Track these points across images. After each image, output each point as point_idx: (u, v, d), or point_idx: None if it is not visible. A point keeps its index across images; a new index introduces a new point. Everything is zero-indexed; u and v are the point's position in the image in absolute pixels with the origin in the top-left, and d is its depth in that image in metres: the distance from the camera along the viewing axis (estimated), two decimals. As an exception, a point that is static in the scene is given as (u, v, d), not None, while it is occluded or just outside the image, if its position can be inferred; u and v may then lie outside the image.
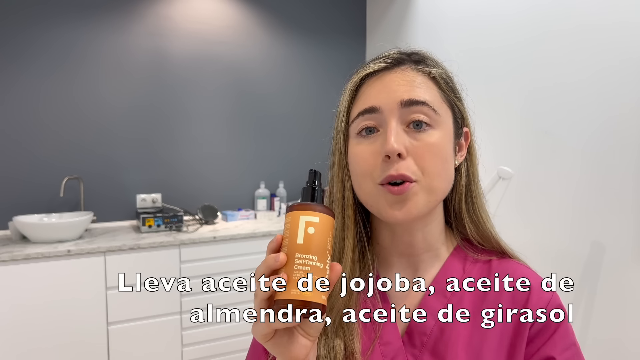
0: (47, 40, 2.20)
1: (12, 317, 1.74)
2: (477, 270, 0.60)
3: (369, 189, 0.55)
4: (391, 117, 0.53)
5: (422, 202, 0.53)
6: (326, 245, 0.45)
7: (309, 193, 0.48)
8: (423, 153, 0.52)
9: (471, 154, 0.61)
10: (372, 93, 0.56)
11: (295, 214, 0.46)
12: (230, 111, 2.64)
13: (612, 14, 1.49)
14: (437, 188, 0.54)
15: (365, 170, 0.54)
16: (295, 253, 0.44)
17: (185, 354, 2.06)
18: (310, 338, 0.48)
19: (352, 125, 0.57)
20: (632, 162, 1.44)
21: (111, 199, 2.36)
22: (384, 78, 0.56)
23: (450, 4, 2.22)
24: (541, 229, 1.75)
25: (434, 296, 0.58)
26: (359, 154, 0.55)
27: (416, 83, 0.55)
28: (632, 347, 1.45)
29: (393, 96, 0.54)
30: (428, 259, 0.60)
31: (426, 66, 0.57)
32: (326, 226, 0.46)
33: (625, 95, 1.46)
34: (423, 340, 0.56)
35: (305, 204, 0.46)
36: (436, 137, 0.53)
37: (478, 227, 0.60)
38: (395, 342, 0.57)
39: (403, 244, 0.60)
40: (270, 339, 0.46)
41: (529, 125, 1.80)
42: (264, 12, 2.69)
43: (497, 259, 0.61)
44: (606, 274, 1.52)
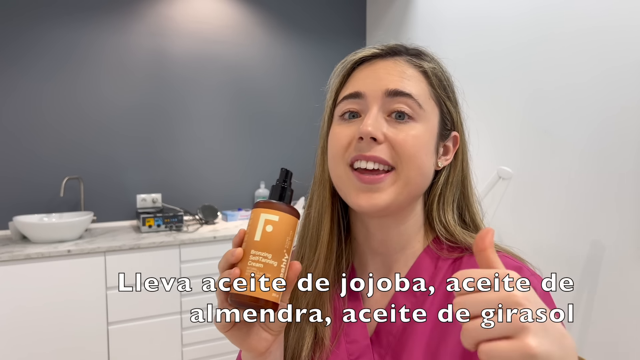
0: (49, 41, 2.20)
1: (12, 317, 1.74)
2: (448, 267, 0.57)
3: (339, 171, 0.54)
4: (373, 103, 0.52)
5: (393, 195, 0.51)
6: (284, 244, 0.46)
7: (277, 192, 0.48)
8: (402, 142, 0.51)
9: (456, 160, 0.58)
10: (360, 78, 0.55)
11: (257, 211, 0.47)
12: (231, 111, 2.64)
13: (612, 16, 1.49)
14: (412, 180, 0.52)
15: (339, 150, 0.53)
16: (251, 249, 0.45)
17: (185, 354, 2.06)
18: (272, 332, 0.48)
19: (337, 108, 0.56)
20: (632, 162, 1.44)
21: (111, 199, 2.36)
22: (375, 65, 0.55)
23: (449, 5, 2.22)
24: (541, 228, 1.75)
25: (403, 295, 0.56)
26: (335, 135, 0.55)
27: (405, 75, 0.53)
28: (633, 346, 1.45)
29: (379, 84, 0.53)
30: (401, 259, 0.58)
31: (420, 60, 0.56)
32: (286, 225, 0.46)
33: (625, 95, 1.46)
34: (389, 340, 0.55)
35: (269, 202, 0.47)
36: (417, 130, 0.52)
37: (447, 229, 0.58)
38: (362, 341, 0.56)
39: (376, 241, 0.58)
40: (229, 329, 0.48)
41: (529, 125, 1.80)
42: (264, 12, 2.69)
43: (470, 254, 0.57)
44: (606, 273, 1.52)
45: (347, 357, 0.55)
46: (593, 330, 1.55)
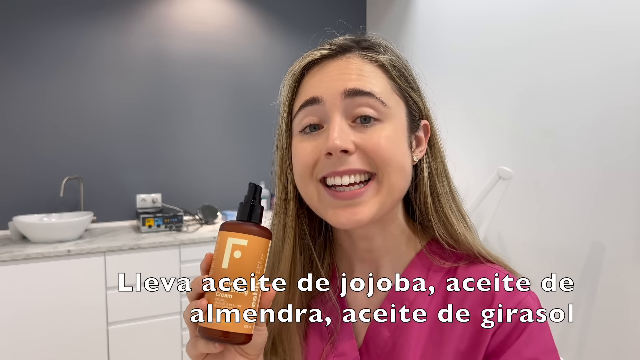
0: (50, 41, 2.20)
1: (12, 317, 1.73)
2: (441, 278, 0.53)
3: (310, 191, 0.49)
4: (334, 109, 0.47)
5: (375, 206, 0.47)
6: (254, 270, 0.42)
7: (246, 211, 0.43)
8: (375, 147, 0.47)
9: (433, 149, 0.54)
10: (313, 83, 0.50)
11: (223, 235, 0.42)
12: (231, 111, 2.64)
13: (611, 15, 1.49)
14: (396, 185, 0.48)
15: (305, 168, 0.49)
16: (220, 278, 0.41)
17: (185, 354, 2.06)
18: (249, 356, 0.45)
19: (295, 120, 0.51)
20: (632, 162, 1.44)
21: (111, 199, 2.36)
22: (327, 67, 0.50)
23: (449, 4, 2.22)
24: (541, 228, 1.75)
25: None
26: (299, 152, 0.49)
27: (362, 72, 0.49)
28: (633, 346, 1.45)
29: (335, 85, 0.48)
30: (389, 264, 0.55)
31: (375, 53, 0.51)
32: (257, 250, 0.42)
33: (625, 95, 1.46)
34: (378, 353, 0.52)
35: (236, 224, 0.42)
36: (387, 131, 0.48)
37: (447, 229, 0.53)
38: (350, 354, 0.53)
39: (361, 249, 0.55)
40: (204, 359, 0.45)
41: (529, 125, 1.80)
42: (263, 11, 2.69)
43: (465, 265, 0.53)
44: (606, 273, 1.52)
45: None
46: (593, 330, 1.55)
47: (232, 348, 0.45)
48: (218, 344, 0.42)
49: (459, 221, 0.53)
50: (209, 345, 0.42)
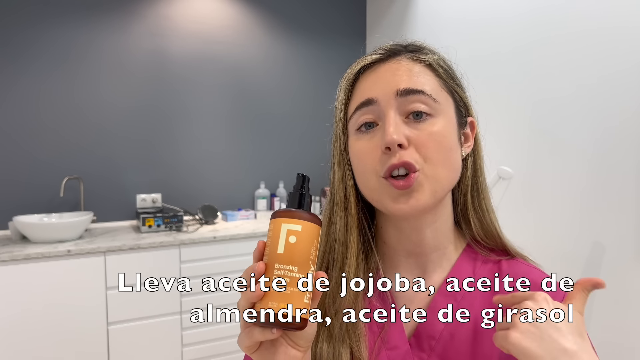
0: (47, 40, 2.20)
1: (12, 317, 1.74)
2: (487, 271, 0.57)
3: (372, 184, 0.52)
4: (388, 108, 0.51)
5: (428, 193, 0.51)
6: (309, 255, 0.43)
7: (296, 199, 0.45)
8: (425, 141, 0.50)
9: (477, 145, 0.59)
10: (367, 86, 0.54)
11: (278, 222, 0.43)
12: (230, 111, 2.64)
13: (614, 17, 1.49)
14: (442, 177, 0.51)
15: (368, 165, 0.52)
16: (275, 263, 0.42)
17: (185, 354, 2.06)
18: (300, 349, 0.46)
19: (351, 121, 0.55)
20: (633, 162, 1.44)
21: (111, 199, 2.36)
22: (378, 70, 0.54)
23: (449, 5, 2.22)
24: (541, 229, 1.75)
25: (442, 298, 0.56)
26: (359, 150, 0.53)
27: (412, 72, 0.53)
28: (633, 347, 1.45)
29: (388, 86, 0.52)
30: (436, 259, 0.58)
31: (422, 54, 0.55)
32: (310, 235, 0.43)
33: (626, 96, 1.46)
34: (431, 344, 0.54)
35: (289, 211, 0.44)
36: (439, 126, 0.51)
37: (482, 222, 0.58)
38: (402, 346, 0.55)
39: (411, 242, 0.57)
40: (256, 350, 0.45)
41: (529, 125, 1.80)
42: (264, 12, 2.69)
43: (507, 260, 0.58)
44: (606, 274, 1.52)
45: None
46: (593, 330, 1.55)
47: (284, 339, 0.46)
48: (275, 330, 0.42)
49: (491, 216, 0.59)
50: (266, 332, 0.42)
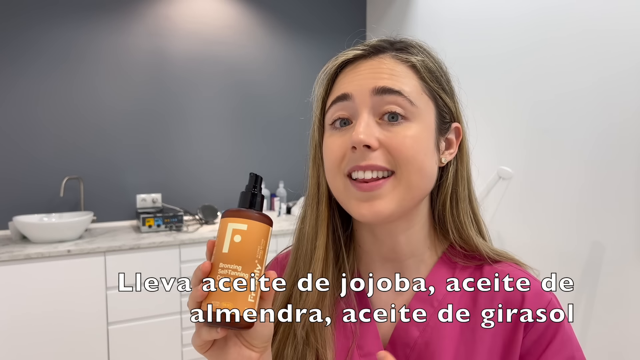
0: (46, 41, 2.20)
1: (12, 317, 1.74)
2: (467, 276, 0.55)
3: (337, 183, 0.51)
4: (363, 106, 0.49)
5: (395, 201, 0.49)
6: (255, 255, 0.43)
7: (247, 199, 0.45)
8: (398, 145, 0.48)
9: (462, 152, 0.56)
10: (345, 81, 0.52)
11: (224, 221, 0.44)
12: (230, 111, 2.64)
13: (613, 19, 1.49)
14: (414, 184, 0.49)
15: (335, 162, 0.51)
16: (220, 262, 0.42)
17: (185, 354, 2.06)
18: (255, 349, 0.45)
19: (327, 115, 0.53)
20: (633, 162, 1.44)
21: (111, 199, 2.36)
22: (359, 66, 0.52)
23: (449, 4, 2.22)
24: (541, 229, 1.75)
25: (419, 304, 0.54)
26: (329, 146, 0.52)
27: (393, 71, 0.50)
28: (633, 347, 1.45)
29: (366, 83, 0.50)
30: (413, 265, 0.56)
31: (407, 54, 0.52)
32: (257, 234, 0.43)
33: (626, 96, 1.46)
34: (406, 352, 0.52)
35: (237, 210, 0.44)
36: (413, 130, 0.49)
37: (460, 233, 0.55)
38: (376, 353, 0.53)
39: (385, 247, 0.55)
40: (208, 349, 0.45)
41: (529, 125, 1.80)
42: (263, 12, 2.69)
43: (489, 265, 0.55)
44: (606, 274, 1.52)
45: None
46: (593, 330, 1.55)
47: (237, 339, 0.45)
48: (220, 329, 0.42)
49: (471, 226, 0.55)
50: (212, 331, 0.43)
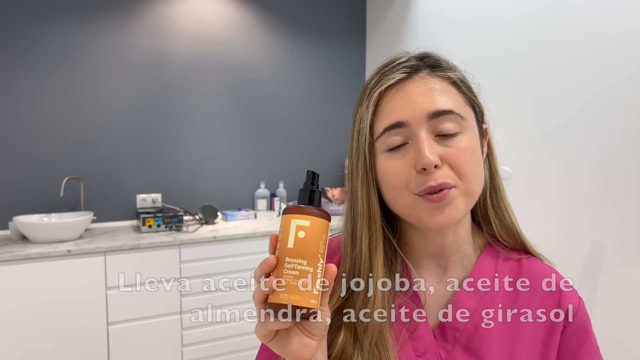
0: (46, 40, 2.20)
1: (12, 317, 1.74)
2: (509, 269, 0.60)
3: (405, 200, 0.54)
4: (419, 129, 0.52)
5: (462, 206, 0.53)
6: (318, 249, 0.45)
7: (306, 195, 0.48)
8: (457, 159, 0.52)
9: (491, 149, 0.62)
10: (395, 107, 0.54)
11: (288, 217, 0.46)
12: (230, 111, 2.64)
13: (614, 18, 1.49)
14: (474, 191, 0.54)
15: (400, 183, 0.53)
16: (286, 257, 0.45)
17: (185, 354, 2.06)
18: (315, 338, 0.48)
19: (379, 141, 0.55)
20: (633, 162, 1.44)
21: (111, 199, 2.36)
22: (404, 89, 0.54)
23: (449, 5, 2.22)
24: (541, 228, 1.75)
25: (467, 294, 0.58)
26: (390, 169, 0.54)
27: (438, 91, 0.54)
28: (633, 347, 1.45)
29: (419, 108, 0.52)
30: (457, 259, 0.60)
31: (443, 70, 0.56)
32: (319, 230, 0.46)
33: (626, 96, 1.46)
34: (455, 336, 0.57)
35: (299, 207, 0.46)
36: (467, 141, 0.53)
37: (503, 222, 0.61)
38: (426, 337, 0.57)
39: (434, 245, 0.59)
40: (272, 339, 0.48)
41: (529, 125, 1.80)
42: (264, 12, 2.69)
43: (527, 259, 0.61)
44: (606, 274, 1.52)
45: (413, 354, 0.57)
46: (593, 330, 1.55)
47: (299, 329, 0.48)
48: (287, 319, 0.45)
49: (511, 215, 0.61)
50: (278, 321, 0.45)
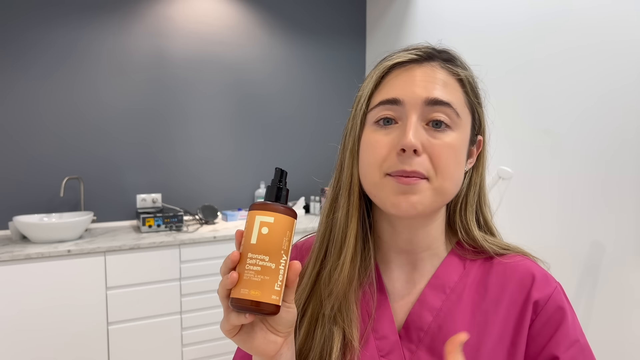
0: (48, 41, 2.20)
1: (12, 317, 1.74)
2: (478, 266, 0.59)
3: (374, 178, 0.53)
4: (412, 111, 0.52)
5: (428, 201, 0.52)
6: (281, 246, 0.45)
7: (273, 192, 0.48)
8: (439, 152, 0.51)
9: (479, 163, 0.60)
10: (397, 83, 0.54)
11: (252, 214, 0.47)
12: (230, 111, 2.64)
13: (613, 17, 1.49)
14: (447, 190, 0.53)
15: (376, 159, 0.53)
16: (248, 253, 0.45)
17: (185, 354, 2.06)
18: (279, 334, 0.48)
19: (371, 112, 0.55)
20: (632, 162, 1.44)
21: (111, 199, 2.36)
22: (412, 71, 0.54)
23: (449, 6, 2.22)
24: (541, 228, 1.75)
25: (432, 292, 0.57)
26: (372, 143, 0.54)
27: (444, 82, 0.53)
28: (632, 346, 1.45)
29: (418, 91, 0.52)
30: (427, 257, 0.59)
31: (455, 66, 0.56)
32: (282, 226, 0.46)
33: (625, 95, 1.46)
34: (420, 336, 0.55)
35: (264, 204, 0.47)
36: (454, 139, 0.52)
37: (468, 234, 0.60)
38: (391, 336, 0.56)
39: (402, 240, 0.58)
40: (236, 334, 0.47)
41: (529, 125, 1.80)
42: (264, 12, 2.69)
43: (500, 256, 0.60)
44: (606, 274, 1.52)
45: (377, 353, 0.56)
46: (593, 330, 1.55)
47: (263, 324, 0.48)
48: (248, 314, 0.45)
49: (476, 229, 0.60)
50: (240, 316, 0.45)
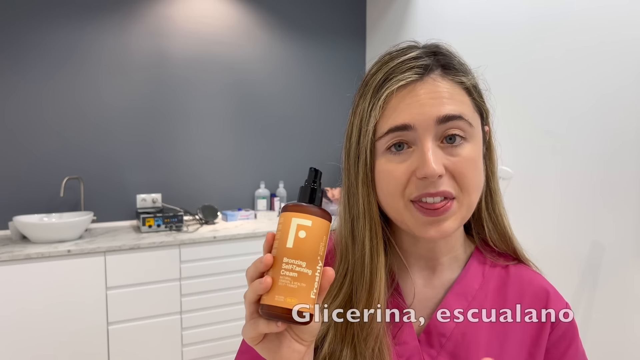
0: (49, 42, 2.20)
1: (12, 317, 1.74)
2: (496, 275, 0.59)
3: (397, 206, 0.52)
4: (426, 135, 0.49)
5: (460, 221, 0.51)
6: (318, 251, 0.43)
7: (307, 193, 0.45)
8: (461, 169, 0.50)
9: (490, 151, 0.59)
10: (402, 107, 0.50)
11: (288, 216, 0.43)
12: (231, 111, 2.64)
13: (613, 16, 1.49)
14: (473, 202, 0.52)
15: (396, 188, 0.51)
16: (284, 257, 0.42)
17: (185, 354, 2.06)
18: (304, 343, 0.46)
19: (381, 141, 0.52)
20: (633, 162, 1.44)
21: (111, 199, 2.36)
22: (414, 90, 0.51)
23: (449, 5, 2.22)
24: (541, 228, 1.75)
25: (455, 298, 0.57)
26: (389, 172, 0.51)
27: (449, 94, 0.51)
28: (632, 347, 1.45)
29: (428, 112, 0.49)
30: (447, 262, 0.59)
31: (456, 72, 0.53)
32: (320, 231, 0.43)
33: (625, 95, 1.46)
34: (442, 342, 0.55)
35: (300, 205, 0.44)
36: (472, 151, 0.51)
37: (496, 226, 0.59)
38: (411, 342, 0.55)
39: (424, 248, 0.58)
40: (260, 342, 0.45)
41: (530, 126, 1.80)
42: (264, 12, 2.69)
43: (514, 265, 0.60)
44: (606, 274, 1.52)
45: (396, 359, 0.55)
46: (593, 330, 1.55)
47: (288, 333, 0.45)
48: (280, 323, 0.42)
49: (504, 220, 0.60)
50: (271, 324, 0.42)
